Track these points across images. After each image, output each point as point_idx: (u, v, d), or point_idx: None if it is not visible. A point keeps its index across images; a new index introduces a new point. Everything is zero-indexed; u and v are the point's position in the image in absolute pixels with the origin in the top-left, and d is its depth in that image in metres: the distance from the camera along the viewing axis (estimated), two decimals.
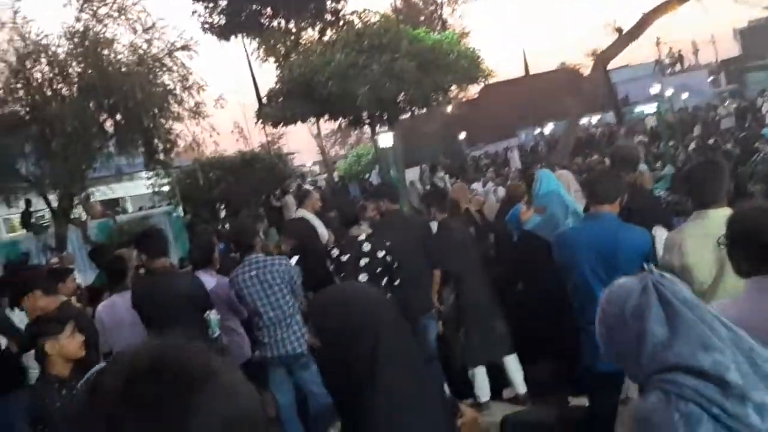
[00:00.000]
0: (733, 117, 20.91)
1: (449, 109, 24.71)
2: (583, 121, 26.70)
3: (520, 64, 39.50)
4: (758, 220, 2.11)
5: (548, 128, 31.02)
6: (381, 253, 4.67)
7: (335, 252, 4.78)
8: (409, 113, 15.23)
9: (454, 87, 11.78)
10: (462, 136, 24.78)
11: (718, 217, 2.61)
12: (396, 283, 4.71)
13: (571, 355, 3.66)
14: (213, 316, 4.09)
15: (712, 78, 39.18)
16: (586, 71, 26.92)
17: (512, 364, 5.23)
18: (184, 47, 11.77)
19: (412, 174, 15.41)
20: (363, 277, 4.55)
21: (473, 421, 1.84)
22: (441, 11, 24.63)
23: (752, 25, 40.58)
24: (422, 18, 23.68)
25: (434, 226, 5.50)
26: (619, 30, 18.60)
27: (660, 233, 4.07)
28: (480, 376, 5.22)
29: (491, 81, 15.68)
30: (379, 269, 4.60)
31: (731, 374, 1.37)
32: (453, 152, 26.08)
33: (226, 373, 0.83)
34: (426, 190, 7.25)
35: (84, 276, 7.94)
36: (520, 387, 5.19)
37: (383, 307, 1.68)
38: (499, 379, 5.32)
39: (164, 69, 11.82)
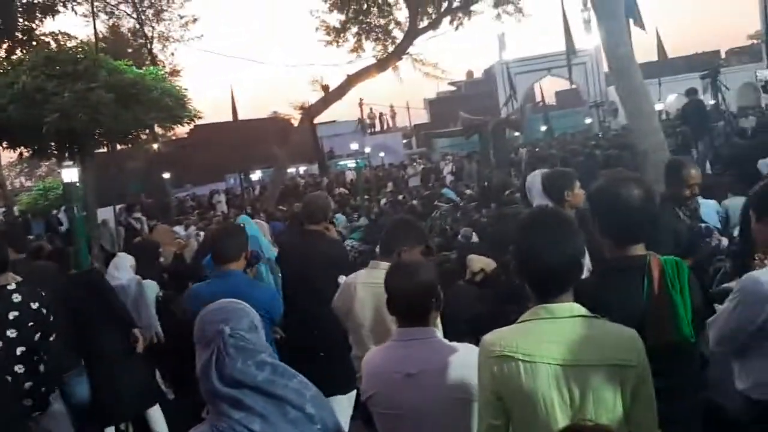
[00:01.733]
0: (419, 176, 23.38)
1: (155, 146, 23.71)
2: (291, 170, 27.63)
3: (231, 109, 39.72)
4: (395, 279, 2.37)
5: (256, 174, 31.46)
6: (35, 305, 4.17)
7: None
8: (107, 148, 14.22)
9: (157, 125, 11.28)
10: (167, 176, 23.83)
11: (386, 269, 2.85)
12: (52, 338, 4.27)
13: None
14: None
15: (406, 140, 43.67)
16: (296, 123, 28.06)
17: (153, 417, 5.12)
18: None
19: (107, 213, 14.33)
20: (11, 333, 4.04)
21: None
22: (151, 46, 23.71)
23: (439, 97, 46.55)
24: (130, 50, 22.55)
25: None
26: (325, 88, 19.80)
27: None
28: None
29: (200, 122, 15.40)
30: (31, 323, 4.11)
31: (255, 425, 1.89)
32: (157, 192, 24.95)
33: None
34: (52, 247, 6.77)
35: None
36: None
37: None
38: None
39: None
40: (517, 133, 26.57)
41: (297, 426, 1.94)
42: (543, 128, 30.34)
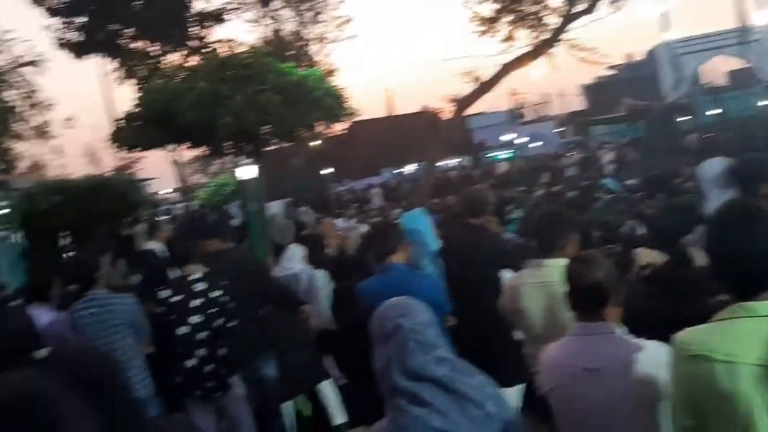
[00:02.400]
0: (577, 166, 22.56)
1: (316, 143, 24.80)
2: (442, 163, 27.80)
3: (385, 105, 40.67)
4: (574, 271, 2.31)
5: (410, 168, 31.99)
6: (216, 294, 4.52)
7: (165, 293, 4.54)
8: (274, 146, 15.11)
9: (318, 124, 11.80)
10: (328, 171, 24.90)
11: (553, 266, 2.79)
12: (231, 324, 4.59)
13: None
14: (45, 351, 3.74)
15: (560, 129, 42.29)
16: (445, 116, 28.13)
17: (325, 392, 5.41)
18: (32, 62, 10.99)
19: (276, 207, 15.22)
20: (196, 319, 4.41)
21: None
22: (309, 48, 24.82)
23: (597, 82, 44.53)
24: (291, 53, 23.73)
25: None
26: (476, 79, 19.59)
27: (507, 276, 4.29)
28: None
29: (357, 119, 15.93)
30: (213, 310, 4.46)
31: (435, 422, 1.90)
32: (318, 187, 26.14)
33: None
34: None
35: None
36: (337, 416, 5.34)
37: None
38: None
39: (6, 84, 10.96)
40: (685, 118, 24.85)
41: (477, 424, 1.94)
42: (714, 111, 28.08)
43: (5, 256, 12.31)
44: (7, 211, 14.11)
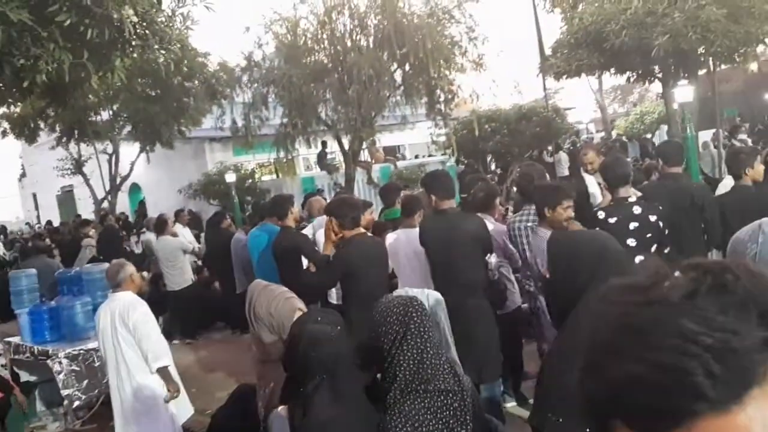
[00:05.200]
0: None
1: (754, 66, 21.75)
2: None
3: None
4: None
5: None
6: (653, 218, 4.33)
7: (602, 214, 4.52)
8: (706, 69, 13.77)
9: None
10: None
11: None
12: (666, 250, 4.38)
13: None
14: (494, 259, 4.17)
15: None
16: None
17: None
18: None
19: (707, 136, 13.91)
20: (631, 242, 4.32)
21: None
22: None
23: None
24: None
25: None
26: None
27: None
28: None
29: None
30: (649, 234, 4.29)
31: None
32: (755, 115, 23.01)
33: None
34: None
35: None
36: None
37: None
38: None
39: (453, 21, 12.11)
40: None
41: None
42: None
43: None
44: (445, 138, 15.90)
